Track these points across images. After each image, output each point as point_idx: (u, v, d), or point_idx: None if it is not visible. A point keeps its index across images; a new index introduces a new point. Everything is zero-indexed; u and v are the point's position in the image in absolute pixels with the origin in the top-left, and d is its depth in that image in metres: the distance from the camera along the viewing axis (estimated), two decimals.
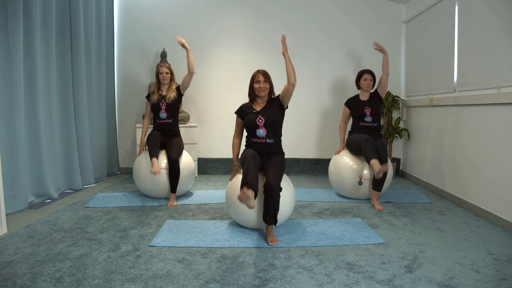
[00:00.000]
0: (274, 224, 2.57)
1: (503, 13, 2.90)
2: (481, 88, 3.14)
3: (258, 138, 2.78)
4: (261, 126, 2.76)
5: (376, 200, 3.40)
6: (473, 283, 1.94)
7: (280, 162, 2.72)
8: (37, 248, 2.34)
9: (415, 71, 4.57)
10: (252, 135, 2.81)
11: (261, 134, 2.77)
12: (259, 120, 2.76)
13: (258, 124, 2.76)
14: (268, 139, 2.77)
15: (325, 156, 4.97)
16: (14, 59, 3.07)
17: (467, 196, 3.31)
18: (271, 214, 2.51)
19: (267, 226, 2.57)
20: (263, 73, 2.80)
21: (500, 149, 2.88)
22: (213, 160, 5.00)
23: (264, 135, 2.77)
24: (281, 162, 2.73)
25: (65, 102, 3.87)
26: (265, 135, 2.76)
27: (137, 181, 3.62)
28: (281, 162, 2.72)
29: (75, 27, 3.95)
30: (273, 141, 2.79)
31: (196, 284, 1.93)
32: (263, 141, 2.77)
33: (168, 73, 3.63)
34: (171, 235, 2.61)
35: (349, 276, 2.03)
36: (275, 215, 2.53)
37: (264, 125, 2.76)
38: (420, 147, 4.37)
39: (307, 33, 4.89)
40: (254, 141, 2.80)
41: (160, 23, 4.88)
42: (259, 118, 2.76)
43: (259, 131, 2.77)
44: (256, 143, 2.79)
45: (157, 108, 3.60)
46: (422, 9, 4.27)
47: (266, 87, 2.79)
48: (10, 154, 3.05)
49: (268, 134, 2.77)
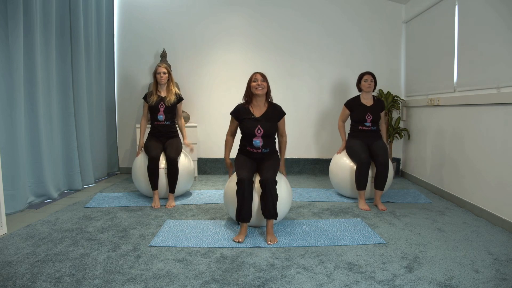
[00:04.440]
0: (275, 218, 2.59)
1: (503, 13, 2.90)
2: (481, 88, 3.14)
3: (254, 148, 2.79)
4: (259, 136, 2.77)
5: (379, 199, 3.38)
6: (473, 283, 1.94)
7: (273, 159, 2.80)
8: (37, 248, 2.34)
9: (415, 71, 4.57)
10: (248, 144, 2.81)
11: (258, 144, 2.78)
12: (258, 130, 2.76)
13: (256, 134, 2.77)
14: (264, 149, 2.80)
15: (325, 156, 4.97)
16: (14, 59, 3.07)
17: (467, 196, 3.31)
18: (270, 207, 2.55)
19: (268, 222, 2.58)
20: (261, 74, 2.84)
21: (500, 149, 2.88)
22: (213, 160, 5.00)
23: (261, 145, 2.78)
24: (275, 160, 2.80)
25: (65, 102, 3.87)
26: (261, 145, 2.78)
27: (136, 181, 3.62)
28: (274, 160, 2.80)
29: (75, 27, 3.95)
30: (269, 149, 2.83)
31: (196, 284, 1.93)
32: (259, 151, 2.80)
33: (165, 73, 3.57)
34: (171, 235, 2.61)
35: (349, 276, 2.03)
36: (274, 208, 2.57)
37: (262, 136, 2.78)
38: (420, 147, 4.37)
39: (307, 33, 4.89)
40: (250, 150, 2.81)
41: (160, 23, 4.88)
42: (258, 128, 2.76)
43: (256, 140, 2.77)
44: (252, 153, 2.81)
45: (155, 109, 3.56)
46: (422, 9, 4.27)
47: (264, 85, 2.80)
48: (10, 154, 3.05)
49: (264, 144, 2.79)
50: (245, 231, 2.58)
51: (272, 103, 2.90)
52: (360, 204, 3.37)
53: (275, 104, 2.90)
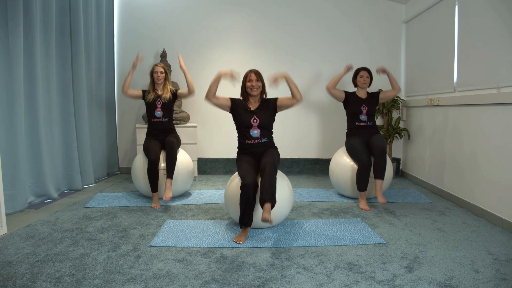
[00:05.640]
0: (271, 201, 2.45)
1: (503, 13, 2.90)
2: (481, 88, 3.14)
3: (253, 139, 2.81)
4: (255, 127, 2.80)
5: (379, 191, 3.29)
6: (473, 283, 1.94)
7: (273, 151, 2.81)
8: (37, 248, 2.34)
9: (415, 71, 4.57)
10: (246, 136, 2.82)
11: (256, 135, 2.80)
12: (253, 120, 2.79)
13: (253, 124, 2.79)
14: (263, 139, 2.82)
15: (325, 156, 4.97)
16: (14, 59, 3.07)
17: (467, 196, 3.31)
18: (268, 190, 2.44)
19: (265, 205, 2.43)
20: (255, 72, 2.84)
21: (500, 149, 2.88)
22: (213, 160, 5.00)
23: (259, 135, 2.81)
24: (275, 151, 2.82)
25: (65, 102, 3.87)
26: (259, 135, 2.81)
27: (136, 181, 3.62)
28: (274, 151, 2.81)
29: (75, 27, 3.94)
30: (267, 139, 2.85)
31: (196, 284, 1.93)
32: (258, 141, 2.81)
33: (162, 72, 3.60)
34: (171, 235, 2.61)
35: (349, 276, 2.03)
36: (272, 192, 2.46)
37: (258, 125, 2.80)
38: (420, 147, 4.37)
39: (307, 33, 4.89)
40: (249, 143, 2.81)
41: (160, 23, 4.88)
42: (254, 118, 2.79)
43: (253, 131, 2.80)
44: (251, 145, 2.81)
45: (152, 106, 3.58)
46: (422, 9, 4.27)
47: (259, 85, 2.82)
48: (10, 154, 3.05)
49: (262, 134, 2.82)
50: (246, 233, 2.59)
51: (265, 98, 2.93)
52: (361, 204, 3.36)
53: (267, 99, 2.93)
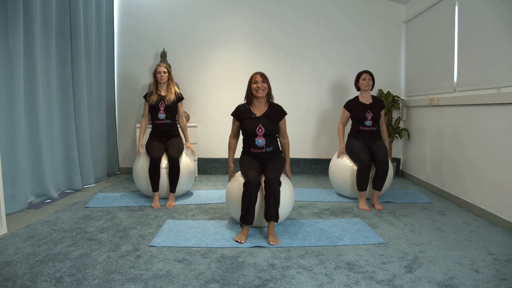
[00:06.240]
0: (276, 220, 2.57)
1: (503, 13, 2.90)
2: (481, 88, 3.14)
3: (258, 148, 2.77)
4: (260, 136, 2.76)
5: (376, 199, 3.40)
6: (473, 283, 1.94)
7: (278, 160, 2.79)
8: (37, 248, 2.34)
9: (415, 71, 4.57)
10: (251, 145, 2.79)
11: (261, 144, 2.76)
12: (259, 129, 2.75)
13: (258, 133, 2.75)
14: (268, 148, 2.79)
15: (325, 156, 4.97)
16: (14, 59, 3.07)
17: (467, 196, 3.31)
18: (272, 210, 2.53)
19: (269, 224, 2.58)
20: (261, 74, 2.80)
21: (500, 149, 2.88)
22: (213, 160, 5.00)
23: (264, 145, 2.77)
24: (280, 160, 2.80)
25: (65, 102, 3.87)
26: (264, 144, 2.77)
27: (137, 181, 3.62)
28: (279, 160, 2.79)
29: (75, 27, 3.94)
30: (272, 148, 2.81)
31: (196, 284, 1.93)
32: (263, 151, 2.78)
33: (165, 72, 3.57)
34: (171, 235, 2.61)
35: (349, 276, 2.03)
36: (277, 210, 2.55)
37: (263, 135, 2.76)
38: (420, 147, 4.37)
39: (307, 33, 4.89)
40: (254, 152, 2.79)
41: (160, 23, 4.88)
42: (260, 127, 2.75)
43: (258, 140, 2.76)
44: (256, 154, 2.79)
45: (155, 108, 3.56)
46: (422, 9, 4.27)
47: (265, 87, 2.77)
48: (10, 154, 3.05)
49: (267, 142, 2.78)
50: (246, 232, 2.58)
51: (273, 103, 2.89)
52: (361, 204, 3.37)
53: (276, 104, 2.89)
